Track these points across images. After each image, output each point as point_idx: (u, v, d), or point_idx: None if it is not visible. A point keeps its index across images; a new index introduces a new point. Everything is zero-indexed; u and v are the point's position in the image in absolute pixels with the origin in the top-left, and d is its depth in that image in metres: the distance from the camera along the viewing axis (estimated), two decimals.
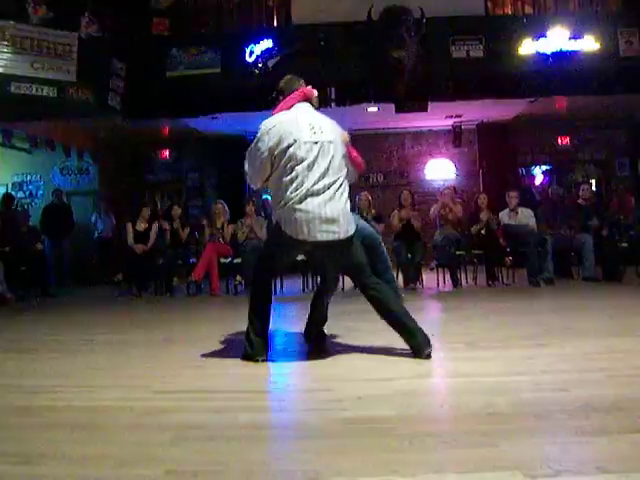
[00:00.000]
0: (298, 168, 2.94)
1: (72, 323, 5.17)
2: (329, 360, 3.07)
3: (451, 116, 10.04)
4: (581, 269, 6.98)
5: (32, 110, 7.51)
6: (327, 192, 2.97)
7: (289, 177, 2.95)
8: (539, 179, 11.58)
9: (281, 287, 7.16)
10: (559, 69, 8.13)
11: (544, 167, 11.53)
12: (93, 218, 9.83)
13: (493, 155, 10.70)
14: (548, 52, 8.17)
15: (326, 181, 2.98)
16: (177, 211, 7.79)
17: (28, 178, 10.83)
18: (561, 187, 8.21)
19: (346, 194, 3.09)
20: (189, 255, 7.42)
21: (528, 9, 9.25)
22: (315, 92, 3.26)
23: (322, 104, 7.12)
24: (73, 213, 9.43)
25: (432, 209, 7.40)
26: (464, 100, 8.66)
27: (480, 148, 10.96)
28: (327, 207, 2.95)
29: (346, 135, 3.24)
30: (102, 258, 9.23)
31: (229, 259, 7.19)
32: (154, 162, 11.31)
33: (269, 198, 10.04)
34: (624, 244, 7.29)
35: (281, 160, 2.97)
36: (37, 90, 7.19)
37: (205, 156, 11.06)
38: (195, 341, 3.82)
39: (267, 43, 8.10)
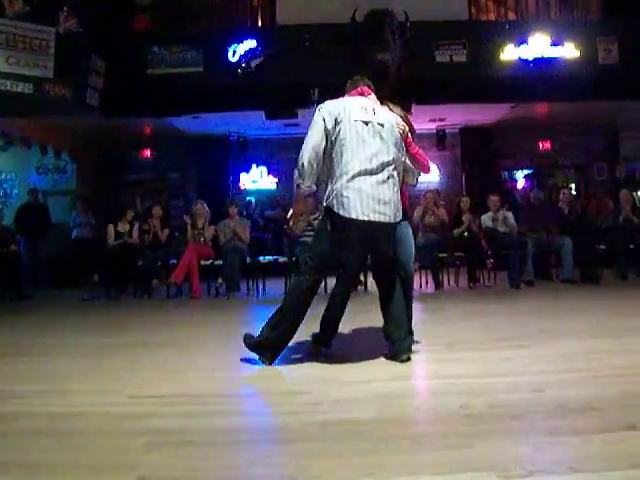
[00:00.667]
0: (348, 145, 2.94)
1: (46, 326, 5.05)
2: (308, 363, 3.05)
3: (435, 119, 10.09)
4: (560, 271, 7.06)
5: (7, 106, 7.31)
6: (381, 173, 2.96)
7: (340, 154, 2.95)
8: (521, 183, 11.72)
9: (263, 289, 7.12)
10: (540, 75, 8.25)
11: (525, 171, 11.67)
12: (73, 216, 9.59)
13: (476, 158, 10.81)
14: (530, 58, 8.29)
15: (380, 160, 2.96)
16: (158, 211, 7.69)
17: (2, 176, 10.42)
18: (542, 191, 8.29)
19: (397, 182, 3.06)
20: (169, 256, 7.30)
21: (511, 15, 9.36)
22: (370, 91, 3.25)
23: (306, 105, 7.16)
24: (49, 213, 9.25)
25: (415, 213, 7.41)
26: (447, 104, 8.73)
27: (463, 151, 11.05)
28: (380, 188, 2.94)
29: (404, 126, 3.17)
30: (80, 259, 9.04)
31: (210, 261, 7.11)
32: (135, 161, 11.12)
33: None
34: (602, 247, 7.39)
35: (332, 137, 2.96)
36: (12, 86, 6.99)
37: (187, 156, 10.90)
38: (172, 345, 3.77)
39: (251, 43, 8.05)
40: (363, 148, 2.95)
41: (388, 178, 2.98)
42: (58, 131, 9.58)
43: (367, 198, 2.89)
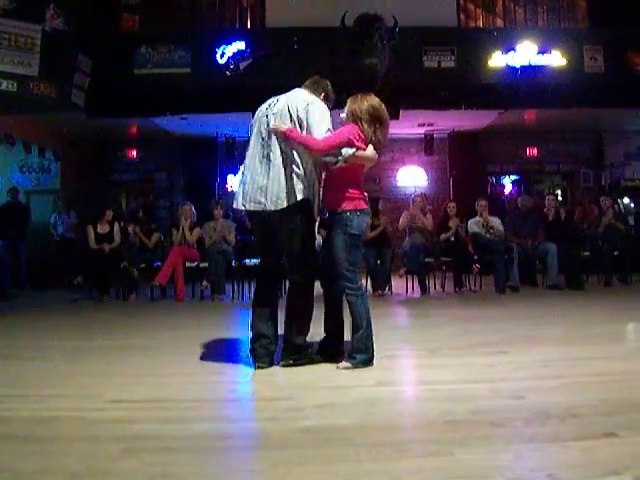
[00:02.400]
0: (251, 141, 3.11)
1: (26, 328, 4.95)
2: (292, 368, 3.03)
3: (423, 124, 10.12)
4: (545, 277, 7.11)
5: None
6: (265, 162, 3.00)
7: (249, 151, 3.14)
8: (508, 188, 11.80)
9: (249, 292, 7.06)
10: (527, 82, 8.33)
11: (513, 177, 11.75)
12: (52, 219, 9.44)
13: (463, 164, 10.84)
14: (517, 65, 8.37)
15: (266, 151, 3.01)
16: (134, 228, 7.44)
17: None
18: (530, 197, 8.34)
19: (294, 167, 2.94)
20: (154, 258, 7.19)
21: (499, 22, 9.45)
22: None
23: None
24: (30, 213, 9.10)
25: (401, 220, 7.42)
26: (435, 110, 8.77)
27: (451, 157, 11.09)
28: (260, 175, 2.99)
29: (305, 110, 2.98)
30: (63, 259, 8.91)
31: (195, 263, 7.04)
32: (120, 161, 10.92)
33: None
34: (587, 253, 7.46)
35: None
36: None
37: (174, 156, 10.77)
38: (155, 348, 3.73)
39: (239, 45, 8.01)
40: (254, 141, 3.09)
41: (269, 166, 2.99)
42: (42, 130, 9.42)
43: (249, 187, 3.02)
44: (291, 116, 2.98)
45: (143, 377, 2.90)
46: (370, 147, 3.03)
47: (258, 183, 2.97)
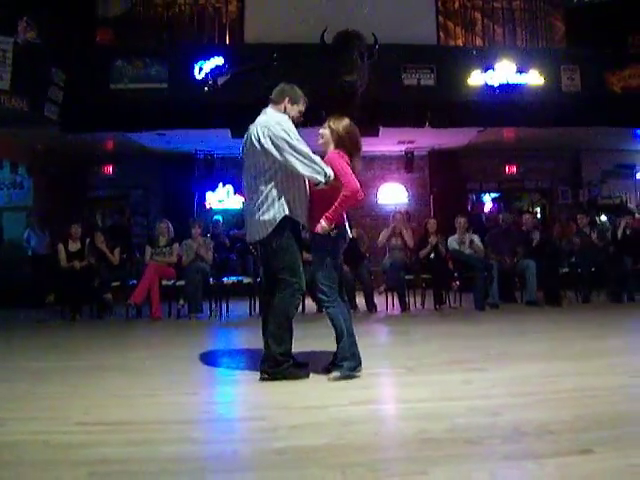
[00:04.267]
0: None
1: None
2: (268, 386, 2.98)
3: (403, 142, 10.21)
4: (524, 294, 7.15)
5: None
6: (248, 197, 3.23)
7: None
8: (488, 206, 11.91)
9: (227, 310, 6.99)
10: (506, 101, 8.46)
11: (493, 194, 11.88)
12: (26, 234, 9.21)
13: (443, 181, 10.93)
14: (496, 84, 8.50)
15: (247, 184, 3.23)
16: (99, 237, 7.30)
17: None
18: (511, 215, 8.42)
19: (262, 197, 3.08)
20: (128, 277, 7.05)
21: (478, 41, 9.62)
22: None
23: None
24: (3, 232, 8.87)
25: (381, 236, 7.43)
26: (415, 127, 8.84)
27: (431, 174, 11.18)
28: (246, 208, 3.29)
29: (275, 134, 3.04)
30: (35, 278, 8.67)
31: (172, 281, 6.92)
32: (96, 177, 10.73)
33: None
34: (565, 269, 7.53)
35: None
36: None
37: (151, 173, 10.58)
38: (126, 369, 3.63)
39: (217, 60, 7.98)
40: (244, 172, 3.29)
41: (251, 198, 3.18)
42: (15, 145, 9.20)
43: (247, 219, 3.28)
44: (262, 146, 3.08)
45: (112, 398, 2.80)
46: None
47: (245, 215, 3.30)
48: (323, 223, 3.06)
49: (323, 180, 3.05)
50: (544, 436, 2.00)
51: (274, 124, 3.08)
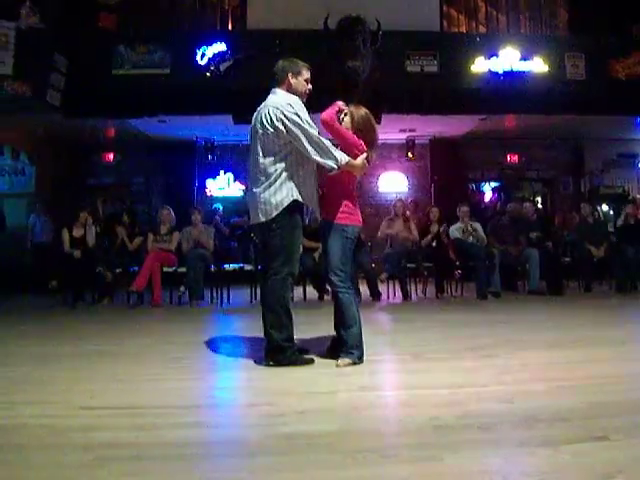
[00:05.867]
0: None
1: None
2: (273, 372, 2.95)
3: (405, 130, 10.14)
4: (526, 283, 7.13)
5: None
6: (253, 178, 3.13)
7: None
8: (488, 195, 11.87)
9: (228, 298, 6.95)
10: (509, 88, 8.38)
11: (493, 183, 11.82)
12: (31, 219, 9.10)
13: (445, 170, 10.89)
14: (500, 71, 8.41)
15: (253, 165, 3.13)
16: (125, 219, 7.41)
17: None
18: (517, 205, 8.34)
19: (271, 179, 3.02)
20: (130, 263, 7.00)
21: (482, 29, 9.51)
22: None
23: None
24: (5, 219, 8.82)
25: (380, 231, 7.39)
26: (417, 114, 8.77)
27: (432, 162, 11.13)
28: (251, 190, 3.15)
29: (287, 116, 2.99)
30: (39, 264, 8.64)
31: (173, 268, 6.87)
32: (97, 165, 10.68)
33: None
34: (567, 259, 7.51)
35: None
36: None
37: (152, 160, 10.53)
38: (129, 354, 3.60)
39: (220, 46, 7.90)
40: (250, 155, 3.18)
41: (259, 179, 3.09)
42: (16, 131, 9.15)
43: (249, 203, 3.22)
44: (274, 127, 3.01)
45: (115, 383, 2.77)
46: (361, 156, 3.10)
47: (248, 197, 3.24)
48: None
49: (335, 166, 3.00)
50: (558, 423, 1.97)
51: (285, 105, 3.02)
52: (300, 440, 1.89)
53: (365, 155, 3.08)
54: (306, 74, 3.23)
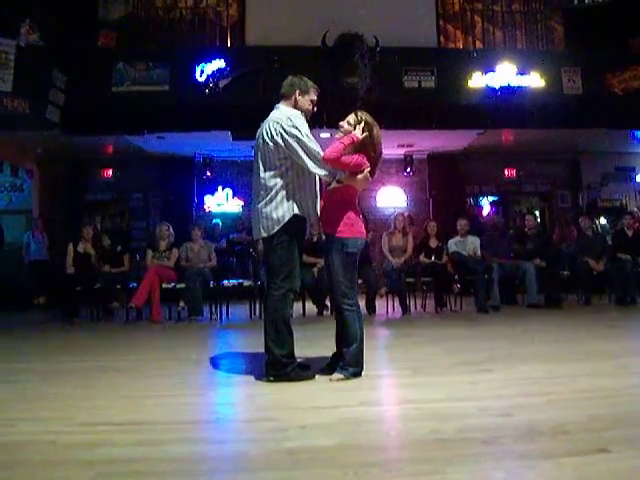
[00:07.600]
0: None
1: None
2: (274, 388, 2.95)
3: (403, 145, 10.21)
4: (525, 296, 7.14)
5: None
6: (256, 193, 3.16)
7: None
8: (486, 209, 11.91)
9: (227, 313, 6.95)
10: (506, 103, 8.44)
11: (491, 198, 11.87)
12: (25, 237, 9.10)
13: (443, 184, 10.93)
14: (496, 86, 8.48)
15: (255, 180, 3.16)
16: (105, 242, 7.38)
17: None
18: (502, 218, 8.37)
19: (272, 193, 3.05)
20: (129, 279, 7.01)
21: (479, 44, 9.62)
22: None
23: None
24: (3, 233, 8.81)
25: (383, 245, 7.42)
26: (415, 129, 8.84)
27: (430, 177, 11.19)
28: (254, 205, 3.17)
29: (286, 130, 3.01)
30: (33, 281, 8.60)
31: (172, 284, 6.86)
32: (95, 181, 10.67)
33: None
34: (566, 272, 7.52)
35: None
36: None
37: (150, 176, 10.55)
38: (129, 370, 3.60)
39: (219, 63, 7.95)
40: (254, 171, 3.19)
41: (260, 194, 3.12)
42: (15, 148, 9.16)
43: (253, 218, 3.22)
44: (274, 142, 3.05)
45: (118, 399, 2.77)
46: (364, 172, 3.09)
47: (252, 213, 3.23)
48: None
49: (335, 178, 3.04)
50: (559, 436, 1.98)
51: (285, 119, 3.06)
52: (302, 455, 1.89)
53: (368, 169, 3.08)
54: (313, 95, 3.27)
